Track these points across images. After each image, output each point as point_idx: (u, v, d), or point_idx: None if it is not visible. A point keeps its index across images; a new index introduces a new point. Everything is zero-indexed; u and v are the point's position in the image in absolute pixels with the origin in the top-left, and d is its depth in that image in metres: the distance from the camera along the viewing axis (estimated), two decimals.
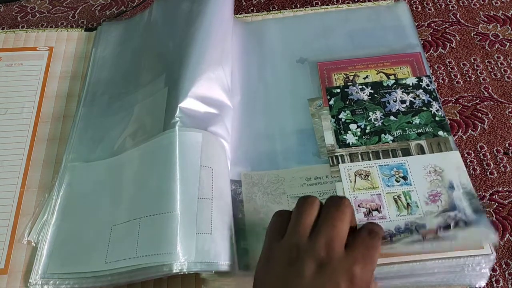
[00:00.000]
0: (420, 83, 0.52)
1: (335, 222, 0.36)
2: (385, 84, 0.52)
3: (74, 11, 0.67)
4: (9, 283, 0.44)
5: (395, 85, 0.52)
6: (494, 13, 0.62)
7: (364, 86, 0.52)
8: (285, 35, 0.58)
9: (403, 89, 0.52)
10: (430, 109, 0.50)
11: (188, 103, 0.47)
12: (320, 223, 0.36)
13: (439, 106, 0.50)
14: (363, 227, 0.37)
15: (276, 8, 0.65)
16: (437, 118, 0.49)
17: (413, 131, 0.48)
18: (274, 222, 0.39)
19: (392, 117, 0.50)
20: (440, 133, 0.48)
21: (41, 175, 0.50)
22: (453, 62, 0.58)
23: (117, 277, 0.40)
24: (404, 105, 0.50)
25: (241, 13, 0.64)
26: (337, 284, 0.33)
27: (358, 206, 0.43)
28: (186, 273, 0.38)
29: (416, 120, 0.49)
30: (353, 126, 0.50)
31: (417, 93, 0.51)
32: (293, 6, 0.65)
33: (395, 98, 0.51)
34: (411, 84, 0.52)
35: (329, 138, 0.49)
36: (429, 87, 0.51)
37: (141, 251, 0.40)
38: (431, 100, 0.50)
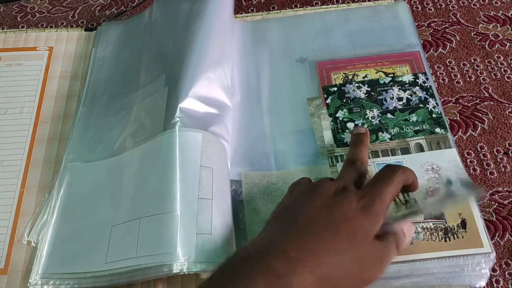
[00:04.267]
0: (417, 80, 0.52)
1: (381, 184, 0.38)
2: (381, 82, 0.52)
3: (74, 11, 0.67)
4: (9, 283, 0.44)
5: (391, 83, 0.52)
6: (494, 13, 0.62)
7: (360, 84, 0.52)
8: (285, 35, 0.58)
9: (399, 86, 0.52)
10: (427, 106, 0.50)
11: (188, 103, 0.47)
12: (369, 183, 0.39)
13: (436, 103, 0.50)
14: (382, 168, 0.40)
15: (276, 8, 0.65)
16: (434, 115, 0.49)
17: (410, 129, 0.48)
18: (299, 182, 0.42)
19: (389, 115, 0.50)
20: (437, 130, 0.48)
21: (41, 175, 0.50)
22: (453, 62, 0.58)
23: (117, 277, 0.40)
24: (401, 103, 0.50)
25: (241, 13, 0.64)
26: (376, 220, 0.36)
27: None
28: (186, 273, 0.38)
29: (413, 118, 0.49)
30: (350, 125, 0.50)
31: (414, 90, 0.51)
32: (293, 6, 0.65)
33: (391, 96, 0.51)
34: (407, 81, 0.52)
35: (329, 138, 0.49)
36: (426, 84, 0.51)
37: (141, 251, 0.39)
38: (428, 97, 0.51)
